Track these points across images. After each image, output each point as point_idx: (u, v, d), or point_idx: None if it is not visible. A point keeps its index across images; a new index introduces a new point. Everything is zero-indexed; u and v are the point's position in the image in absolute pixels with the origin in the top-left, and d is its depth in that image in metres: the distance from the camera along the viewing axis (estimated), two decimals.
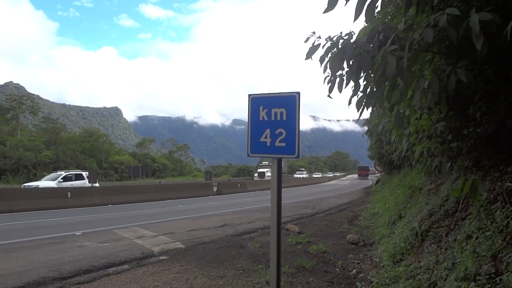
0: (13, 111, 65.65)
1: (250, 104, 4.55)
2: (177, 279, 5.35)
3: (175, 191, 25.97)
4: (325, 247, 7.48)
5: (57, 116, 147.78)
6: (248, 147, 4.55)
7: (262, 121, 4.44)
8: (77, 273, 5.58)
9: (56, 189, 20.73)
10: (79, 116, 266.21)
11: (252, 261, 6.34)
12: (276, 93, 4.42)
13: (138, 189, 24.42)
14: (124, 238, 8.67)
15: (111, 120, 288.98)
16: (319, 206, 17.37)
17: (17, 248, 7.76)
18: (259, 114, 4.46)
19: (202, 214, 14.65)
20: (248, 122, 4.55)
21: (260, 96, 4.53)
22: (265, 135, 4.41)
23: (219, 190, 29.99)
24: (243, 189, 33.11)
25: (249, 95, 4.60)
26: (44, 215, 14.85)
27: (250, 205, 18.69)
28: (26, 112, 70.47)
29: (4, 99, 74.28)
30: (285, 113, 4.30)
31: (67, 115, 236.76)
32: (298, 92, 4.26)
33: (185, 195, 25.29)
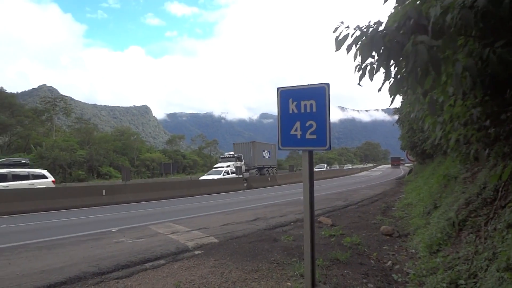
0: (47, 113, 67.69)
1: (279, 97, 4.53)
2: (212, 273, 5.41)
3: (206, 186, 26.21)
4: (359, 239, 7.40)
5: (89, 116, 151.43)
6: (279, 140, 4.54)
7: (292, 113, 4.41)
8: (115, 268, 5.72)
9: (91, 187, 21.29)
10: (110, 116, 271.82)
11: (285, 254, 6.34)
12: (305, 85, 4.38)
13: (169, 185, 24.78)
14: (159, 234, 8.83)
15: (141, 118, 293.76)
16: (351, 198, 17.21)
17: (58, 245, 8.02)
18: (289, 107, 4.44)
19: (234, 209, 14.74)
20: (278, 115, 4.53)
21: (289, 89, 4.50)
22: (295, 128, 4.39)
23: (249, 184, 30.11)
24: (273, 183, 33.13)
25: (278, 88, 4.58)
26: (81, 212, 15.28)
27: (281, 199, 18.69)
28: (60, 113, 72.55)
29: (38, 102, 76.69)
30: (314, 105, 4.27)
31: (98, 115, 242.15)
32: (327, 83, 4.22)
33: (215, 190, 25.51)
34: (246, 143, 44.99)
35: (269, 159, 46.31)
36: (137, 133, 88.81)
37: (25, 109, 61.19)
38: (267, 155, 45.80)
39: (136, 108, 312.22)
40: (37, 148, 50.48)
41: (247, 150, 43.43)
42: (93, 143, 58.48)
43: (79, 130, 66.87)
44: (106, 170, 56.30)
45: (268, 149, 46.44)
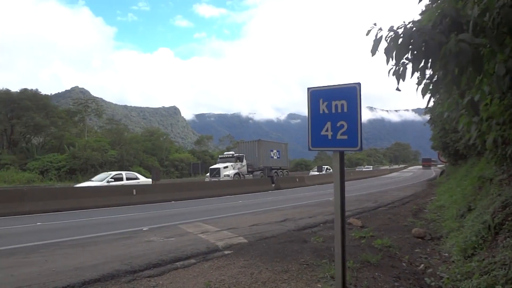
0: (80, 114, 69.43)
1: (309, 97, 4.50)
2: (242, 273, 5.43)
3: (234, 186, 26.33)
4: (390, 242, 7.27)
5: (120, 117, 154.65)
6: (309, 141, 4.50)
7: (323, 114, 4.38)
8: (147, 266, 5.81)
9: (122, 187, 21.70)
10: (140, 117, 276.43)
11: (315, 256, 6.30)
12: (336, 85, 4.34)
13: (198, 185, 25.04)
14: (188, 233, 8.92)
15: (170, 119, 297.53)
16: (381, 199, 16.95)
17: (91, 243, 8.22)
18: (319, 107, 4.40)
19: (262, 209, 14.75)
20: (308, 115, 4.50)
21: (320, 89, 4.47)
22: (326, 128, 4.35)
23: (277, 185, 30.09)
24: (301, 184, 33.00)
25: (308, 88, 4.55)
26: (112, 211, 15.61)
27: (310, 200, 18.59)
28: (92, 114, 74.31)
29: (71, 103, 78.82)
30: (346, 105, 4.22)
31: (129, 116, 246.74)
32: (358, 83, 4.17)
33: (243, 190, 25.59)
34: (251, 142, 41.55)
35: (279, 159, 42.03)
36: (166, 133, 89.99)
37: (59, 110, 62.85)
38: (276, 155, 41.61)
39: (165, 109, 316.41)
40: (70, 148, 51.82)
41: (252, 149, 39.71)
42: (123, 143, 59.59)
43: (110, 131, 68.29)
44: (136, 170, 57.13)
45: (277, 148, 42.38)
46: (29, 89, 57.31)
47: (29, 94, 55.06)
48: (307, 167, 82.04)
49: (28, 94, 54.98)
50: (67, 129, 60.95)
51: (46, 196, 16.96)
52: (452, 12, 2.98)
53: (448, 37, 2.89)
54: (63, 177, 46.57)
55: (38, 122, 52.58)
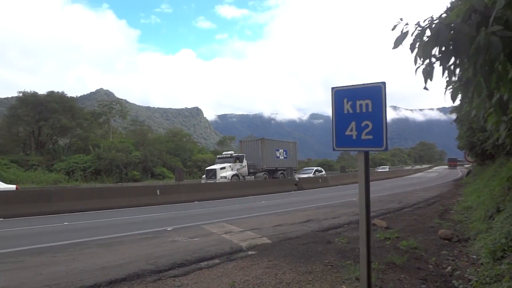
0: (104, 115, 70.63)
1: (333, 97, 4.46)
2: (266, 273, 5.42)
3: (257, 187, 26.39)
4: (416, 243, 7.15)
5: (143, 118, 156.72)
6: (333, 141, 4.47)
7: (347, 114, 4.34)
8: (172, 266, 5.86)
9: (146, 187, 22.00)
10: (163, 118, 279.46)
11: (340, 257, 6.25)
12: (360, 85, 4.30)
13: (221, 186, 25.13)
14: (212, 234, 8.96)
15: (192, 120, 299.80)
16: (406, 200, 16.70)
17: (117, 242, 8.35)
18: (343, 107, 4.36)
19: (285, 210, 14.72)
20: (332, 115, 4.47)
21: (344, 89, 4.43)
22: (351, 128, 4.31)
23: (300, 185, 29.99)
24: (324, 184, 32.82)
25: (332, 88, 4.52)
26: (137, 211, 15.82)
27: (333, 200, 18.46)
28: (116, 116, 75.44)
29: (96, 105, 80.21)
30: (370, 104, 4.17)
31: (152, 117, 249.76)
32: (383, 82, 4.12)
33: (266, 191, 25.59)
34: (254, 140, 38.25)
35: (286, 160, 38.83)
36: (189, 134, 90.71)
37: (84, 112, 64.10)
38: (283, 155, 38.45)
39: (187, 110, 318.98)
40: (95, 149, 52.78)
41: (255, 149, 36.56)
42: (147, 144, 60.32)
43: (134, 132, 69.28)
44: (159, 170, 57.88)
45: (284, 148, 39.05)
46: (55, 91, 58.66)
47: (55, 97, 56.33)
48: (330, 168, 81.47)
49: (55, 97, 56.26)
50: (92, 130, 62.13)
51: (72, 196, 17.34)
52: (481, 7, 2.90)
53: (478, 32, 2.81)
54: (89, 178, 47.46)
55: (64, 124, 53.75)
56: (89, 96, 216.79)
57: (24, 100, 54.45)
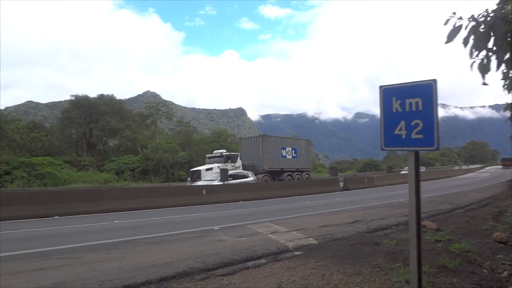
0: (151, 117, 72.47)
1: (382, 95, 4.39)
2: (313, 274, 5.39)
3: (301, 187, 26.28)
4: (469, 246, 6.88)
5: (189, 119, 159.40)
6: (382, 140, 4.39)
7: (396, 112, 4.25)
8: (219, 265, 5.94)
9: (193, 187, 22.40)
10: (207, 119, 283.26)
11: (388, 259, 6.11)
12: (410, 83, 4.21)
13: (265, 186, 25.23)
14: (258, 233, 9.01)
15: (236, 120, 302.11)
16: (457, 201, 16.11)
17: (166, 241, 8.56)
18: (392, 106, 4.28)
19: (331, 210, 14.57)
20: (381, 114, 4.39)
21: (392, 87, 4.35)
22: (400, 127, 4.23)
23: (345, 185, 29.59)
24: (370, 184, 32.19)
25: (380, 86, 4.44)
26: (184, 211, 16.15)
27: (380, 201, 18.08)
28: (163, 117, 77.23)
29: (143, 107, 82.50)
30: (421, 103, 4.07)
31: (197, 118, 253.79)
32: (434, 80, 4.00)
33: (311, 191, 25.40)
34: (254, 137, 34.25)
35: (295, 159, 34.50)
36: (233, 134, 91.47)
37: (132, 114, 66.07)
38: (291, 154, 34.12)
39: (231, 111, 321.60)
40: (143, 150, 54.25)
41: (255, 147, 32.70)
42: (192, 145, 61.31)
43: (180, 133, 70.64)
44: None
45: (292, 146, 34.68)
46: (105, 94, 60.91)
47: (105, 99, 58.46)
48: (376, 167, 79.80)
49: (105, 99, 58.39)
50: (140, 131, 63.95)
51: (122, 195, 17.93)
52: None
53: None
54: (137, 178, 48.81)
55: (114, 126, 55.64)
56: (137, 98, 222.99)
57: (76, 103, 56.94)
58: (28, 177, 38.68)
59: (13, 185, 35.99)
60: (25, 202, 15.19)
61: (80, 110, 55.72)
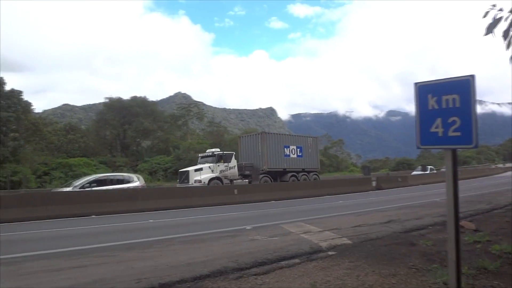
0: (183, 118, 73.43)
1: (417, 92, 4.31)
2: (347, 275, 5.33)
3: (333, 187, 26.07)
4: (510, 248, 6.65)
5: (219, 119, 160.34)
6: (417, 138, 4.30)
7: (432, 110, 4.17)
8: (253, 264, 5.95)
9: (224, 187, 22.59)
10: (238, 119, 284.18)
11: (425, 260, 5.98)
12: (446, 79, 4.11)
13: (297, 185, 25.16)
14: (291, 233, 8.98)
15: (267, 120, 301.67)
16: (496, 201, 15.58)
17: (199, 240, 8.66)
18: (428, 103, 4.19)
19: (364, 210, 14.39)
20: (416, 112, 4.31)
21: (428, 84, 4.27)
22: (436, 125, 4.13)
23: (378, 185, 29.16)
24: (404, 184, 31.58)
25: (415, 83, 4.36)
26: (216, 210, 16.30)
27: (414, 200, 17.72)
28: (194, 118, 78.13)
29: (175, 108, 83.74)
30: (458, 99, 3.97)
31: (227, 118, 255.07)
32: (472, 75, 3.90)
33: (343, 190, 25.16)
34: (253, 135, 31.98)
35: (300, 159, 31.72)
36: None
37: (164, 115, 67.23)
38: (295, 153, 31.38)
39: (262, 110, 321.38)
40: (175, 150, 55.06)
41: (254, 145, 30.34)
42: (223, 145, 61.78)
43: (211, 133, 71.33)
44: None
45: (297, 144, 31.95)
46: (138, 96, 62.25)
47: (138, 101, 59.73)
48: (409, 166, 78.16)
49: (137, 101, 59.67)
50: (172, 132, 64.94)
51: (156, 195, 18.31)
52: None
53: None
54: (170, 178, 49.55)
55: (146, 127, 56.73)
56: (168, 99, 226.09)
57: (110, 105, 58.46)
58: (65, 177, 39.96)
59: (51, 185, 37.26)
60: (63, 202, 15.72)
61: (114, 112, 57.15)
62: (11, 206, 14.64)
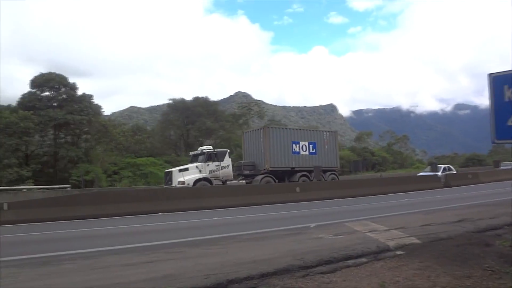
0: (244, 117, 74.34)
1: (491, 84, 4.08)
2: (417, 275, 5.14)
3: (397, 184, 25.32)
4: None
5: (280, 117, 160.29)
6: (492, 132, 4.08)
7: (509, 102, 3.93)
8: (319, 263, 5.89)
9: (286, 185, 22.63)
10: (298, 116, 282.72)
11: (502, 262, 5.63)
12: None
13: (359, 183, 24.68)
14: (356, 231, 8.81)
15: (327, 117, 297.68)
16: None
17: (262, 238, 8.73)
18: (504, 94, 3.96)
19: (432, 208, 13.82)
20: (490, 104, 4.09)
21: (504, 74, 4.03)
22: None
23: (446, 182, 27.89)
24: (475, 181, 29.94)
25: (489, 74, 4.13)
26: (278, 208, 16.40)
27: (487, 198, 16.77)
28: (254, 116, 78.85)
29: (236, 107, 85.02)
30: None
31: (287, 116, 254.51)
32: None
33: (408, 188, 24.30)
34: (256, 130, 28.47)
35: (313, 156, 28.00)
36: None
37: (226, 114, 68.54)
38: (307, 149, 27.73)
39: (322, 107, 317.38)
40: (237, 149, 55.84)
41: (257, 142, 27.20)
42: None
43: None
44: None
45: (309, 139, 28.17)
46: (200, 97, 63.93)
47: (200, 102, 61.37)
48: (480, 162, 74.05)
49: (200, 102, 61.31)
50: (234, 131, 65.88)
51: (219, 193, 18.71)
52: None
53: None
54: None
55: (209, 126, 58.08)
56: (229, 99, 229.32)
57: (174, 106, 60.56)
58: (133, 176, 41.87)
59: (121, 184, 39.22)
60: (132, 200, 16.50)
61: (178, 112, 59.09)
62: (85, 203, 15.62)
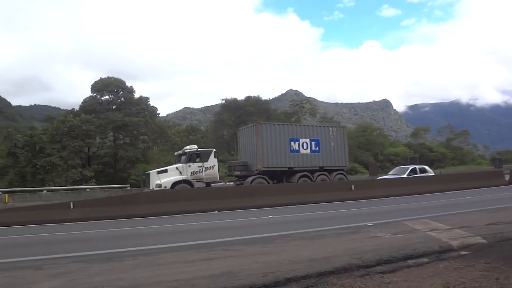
0: (296, 115, 74.25)
1: None
2: (484, 277, 4.90)
3: (458, 181, 24.31)
4: None
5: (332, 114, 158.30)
6: None
7: None
8: (378, 262, 5.74)
9: (340, 183, 22.31)
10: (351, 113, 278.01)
11: None
12: None
13: (416, 180, 23.85)
14: (416, 230, 8.53)
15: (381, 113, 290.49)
16: None
17: (319, 236, 8.64)
18: None
19: (497, 206, 13.13)
20: None
21: None
22: None
23: None
24: None
25: None
26: (332, 206, 16.22)
27: None
28: (307, 114, 78.54)
29: (287, 106, 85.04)
30: None
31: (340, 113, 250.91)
32: None
33: (469, 185, 23.22)
34: (249, 127, 25.90)
35: (316, 154, 25.10)
36: (379, 128, 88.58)
37: (278, 113, 68.73)
38: (308, 147, 24.85)
39: (376, 103, 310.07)
40: None
41: (250, 140, 24.91)
42: None
43: None
44: (351, 165, 57.96)
45: (311, 136, 25.34)
46: (251, 96, 64.51)
47: (252, 101, 61.98)
48: None
49: (251, 101, 61.92)
50: None
51: (272, 191, 18.77)
52: None
53: None
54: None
55: None
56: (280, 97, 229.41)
57: (226, 106, 61.56)
58: None
59: None
60: (188, 198, 16.91)
61: (230, 112, 59.99)
62: (143, 202, 16.20)
